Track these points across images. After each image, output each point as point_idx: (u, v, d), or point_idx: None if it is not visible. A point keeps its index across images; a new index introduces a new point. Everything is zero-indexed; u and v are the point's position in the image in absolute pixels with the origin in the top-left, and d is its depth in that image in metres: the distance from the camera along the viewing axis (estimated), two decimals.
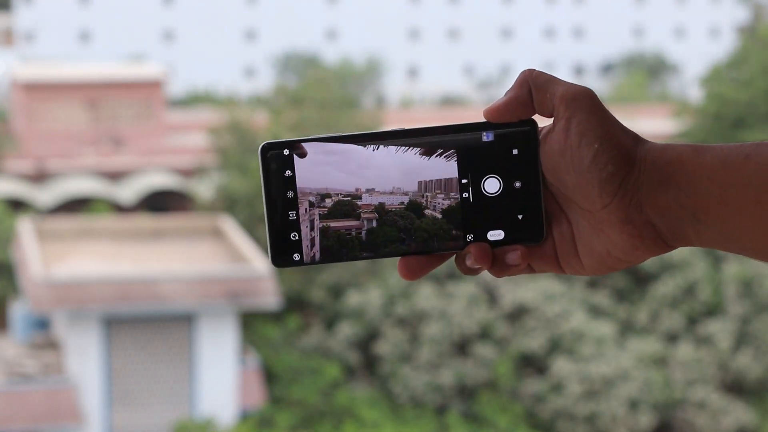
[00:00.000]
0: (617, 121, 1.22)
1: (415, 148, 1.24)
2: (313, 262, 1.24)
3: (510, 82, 58.23)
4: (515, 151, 1.24)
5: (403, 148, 1.23)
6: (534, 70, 1.23)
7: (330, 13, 58.31)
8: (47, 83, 34.71)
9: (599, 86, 57.59)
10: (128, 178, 32.74)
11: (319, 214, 1.25)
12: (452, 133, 1.25)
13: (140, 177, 32.54)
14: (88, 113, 34.59)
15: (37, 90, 34.44)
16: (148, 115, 34.92)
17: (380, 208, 1.24)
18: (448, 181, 1.24)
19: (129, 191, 32.07)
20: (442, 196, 1.24)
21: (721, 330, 23.68)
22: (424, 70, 58.64)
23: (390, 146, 1.23)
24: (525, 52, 59.31)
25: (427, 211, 1.25)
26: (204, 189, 29.51)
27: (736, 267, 24.26)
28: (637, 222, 1.20)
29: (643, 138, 1.22)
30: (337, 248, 1.24)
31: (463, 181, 1.24)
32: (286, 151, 1.23)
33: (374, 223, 1.24)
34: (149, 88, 35.07)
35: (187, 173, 32.40)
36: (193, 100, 49.67)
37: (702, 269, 24.45)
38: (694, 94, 38.31)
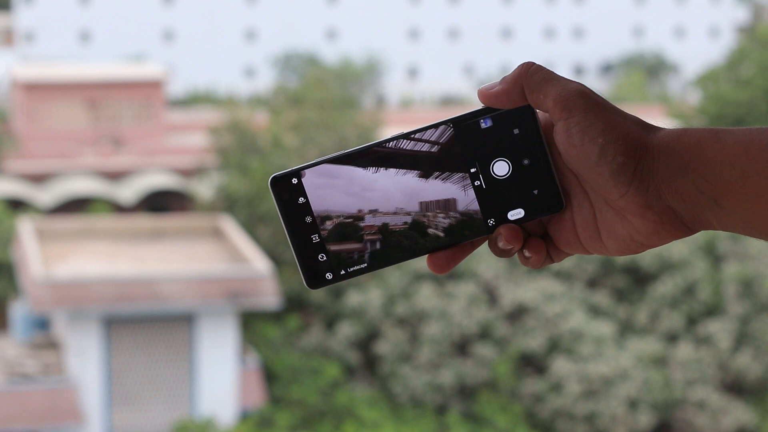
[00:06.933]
0: (618, 111, 1.21)
1: (414, 171, 1.25)
2: (342, 277, 1.27)
3: None
4: (516, 131, 1.25)
5: (402, 171, 1.25)
6: (531, 66, 1.23)
7: (330, 12, 58.31)
8: (47, 83, 34.72)
9: (599, 86, 57.55)
10: (128, 178, 32.74)
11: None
12: (450, 125, 1.26)
13: (140, 177, 32.54)
14: (88, 113, 34.60)
15: (37, 90, 34.45)
16: (148, 115, 34.93)
17: (384, 229, 1.25)
18: (447, 201, 1.25)
19: (129, 191, 32.08)
20: (443, 215, 1.25)
21: (721, 330, 23.68)
22: (424, 70, 58.64)
23: (390, 169, 1.25)
24: (525, 52, 59.31)
25: (431, 230, 1.25)
26: (204, 189, 29.51)
27: (735, 267, 24.26)
28: (657, 208, 1.20)
29: (654, 125, 1.22)
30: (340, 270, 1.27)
31: (472, 170, 1.25)
32: (294, 180, 1.25)
33: (378, 245, 1.26)
34: (149, 88, 35.08)
35: (187, 173, 32.40)
36: (193, 100, 49.69)
37: (702, 269, 24.44)
38: (694, 94, 38.30)
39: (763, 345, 23.57)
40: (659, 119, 36.36)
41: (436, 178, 1.26)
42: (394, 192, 1.25)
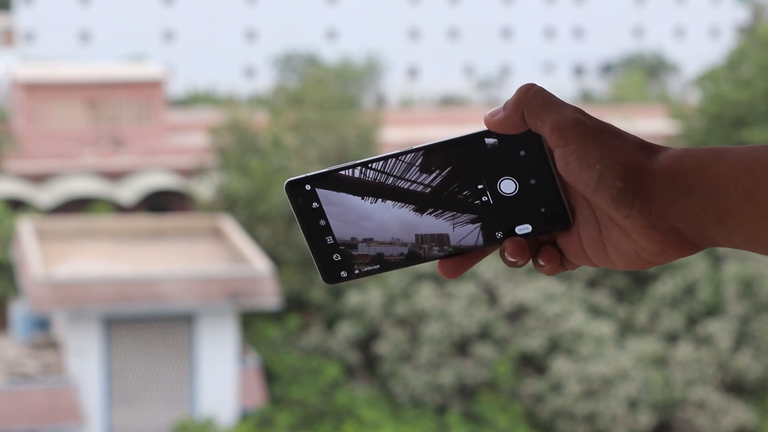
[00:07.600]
0: (617, 134, 1.21)
1: (411, 205, 1.28)
2: (357, 276, 1.32)
3: (510, 82, 58.22)
4: (522, 153, 1.26)
5: (399, 203, 1.28)
6: (531, 88, 1.24)
7: (330, 12, 58.32)
8: (47, 83, 34.72)
9: (598, 86, 57.59)
10: (128, 178, 32.75)
11: None
12: (457, 145, 1.28)
13: (140, 177, 32.55)
14: (88, 113, 34.60)
15: (37, 90, 34.45)
16: (148, 115, 34.93)
17: (379, 258, 1.29)
18: (441, 236, 1.28)
19: (129, 191, 32.08)
20: (438, 248, 1.28)
21: (720, 330, 23.69)
22: (424, 70, 58.64)
23: (388, 201, 1.28)
24: (525, 52, 59.31)
25: (434, 252, 1.28)
26: (204, 189, 29.52)
27: (735, 267, 24.27)
28: (662, 228, 1.20)
29: (656, 145, 1.22)
30: None
31: (479, 186, 1.27)
32: (307, 186, 1.29)
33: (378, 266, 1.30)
34: (149, 88, 35.08)
35: (187, 173, 32.41)
36: (193, 100, 49.68)
37: (702, 269, 24.45)
38: (694, 94, 38.32)
39: (763, 345, 23.58)
40: (659, 119, 36.37)
41: (442, 195, 1.28)
42: (391, 224, 1.28)
